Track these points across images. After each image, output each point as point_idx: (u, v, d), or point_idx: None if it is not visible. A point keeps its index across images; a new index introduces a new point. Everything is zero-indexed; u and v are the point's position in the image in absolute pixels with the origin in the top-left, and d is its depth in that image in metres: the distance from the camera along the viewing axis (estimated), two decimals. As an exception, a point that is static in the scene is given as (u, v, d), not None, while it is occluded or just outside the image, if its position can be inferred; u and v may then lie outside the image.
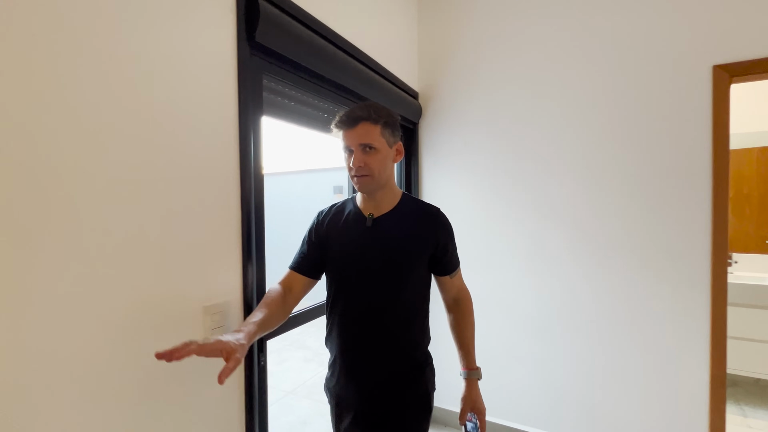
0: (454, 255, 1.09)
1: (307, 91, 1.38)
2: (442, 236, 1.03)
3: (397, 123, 1.00)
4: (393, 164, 1.02)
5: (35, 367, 0.67)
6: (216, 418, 1.00)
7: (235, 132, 1.04)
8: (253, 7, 1.05)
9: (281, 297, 0.98)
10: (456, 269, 1.10)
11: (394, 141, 0.99)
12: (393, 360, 1.01)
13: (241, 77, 1.05)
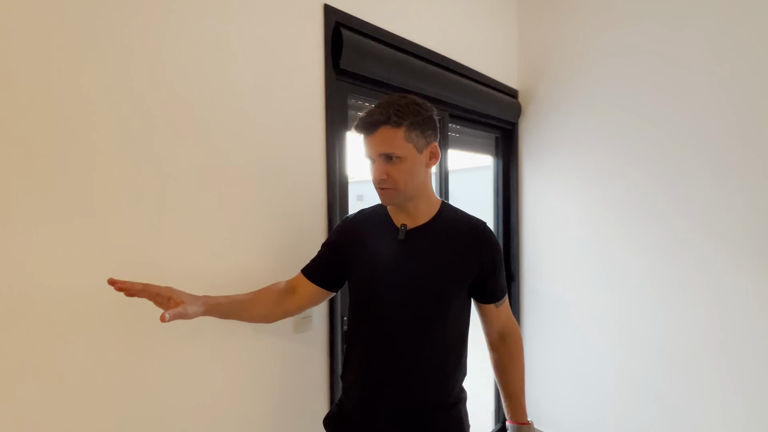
0: (500, 280, 0.92)
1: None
2: (488, 256, 0.88)
3: (429, 120, 0.83)
4: (427, 170, 0.86)
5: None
6: (305, 384, 1.16)
7: (322, 146, 1.20)
8: (338, 38, 1.19)
9: (278, 292, 0.90)
10: (504, 297, 0.94)
11: (426, 143, 0.83)
12: (420, 403, 0.85)
13: (328, 99, 1.21)
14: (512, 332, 0.96)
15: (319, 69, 1.19)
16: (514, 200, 2.12)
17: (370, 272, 0.88)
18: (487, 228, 0.91)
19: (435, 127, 0.86)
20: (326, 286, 0.93)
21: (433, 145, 0.85)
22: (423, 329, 0.85)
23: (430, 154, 0.85)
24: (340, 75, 1.24)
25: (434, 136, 0.86)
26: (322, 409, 1.20)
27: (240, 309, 0.84)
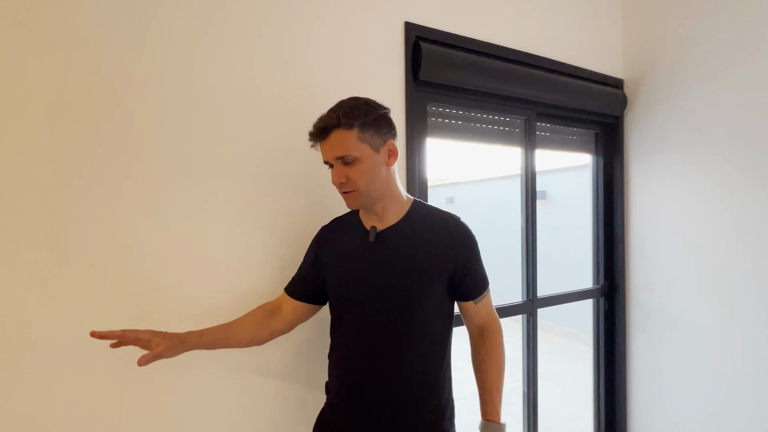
0: (478, 275, 0.89)
1: (475, 109, 1.50)
2: (462, 252, 0.85)
3: (382, 118, 0.82)
4: (389, 169, 0.85)
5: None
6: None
7: (402, 153, 1.29)
8: (417, 52, 1.27)
9: (262, 314, 0.91)
10: (482, 293, 0.90)
11: (383, 142, 0.82)
12: (405, 411, 0.83)
13: (408, 109, 1.29)
14: (491, 327, 0.92)
15: (400, 81, 1.28)
16: (618, 202, 1.90)
17: (343, 277, 0.88)
18: (460, 223, 0.89)
19: (390, 125, 0.85)
20: (310, 300, 0.93)
21: (390, 143, 0.84)
22: (397, 331, 0.83)
23: (389, 152, 0.84)
24: (420, 85, 1.32)
25: (390, 134, 0.84)
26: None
27: (225, 337, 0.85)
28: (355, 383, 0.86)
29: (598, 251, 1.94)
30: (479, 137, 1.58)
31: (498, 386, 0.88)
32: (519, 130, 1.65)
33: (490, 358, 0.90)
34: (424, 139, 1.35)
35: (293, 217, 1.11)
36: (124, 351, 0.77)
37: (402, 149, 1.29)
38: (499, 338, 0.92)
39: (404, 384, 0.83)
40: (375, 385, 0.84)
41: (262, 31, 1.06)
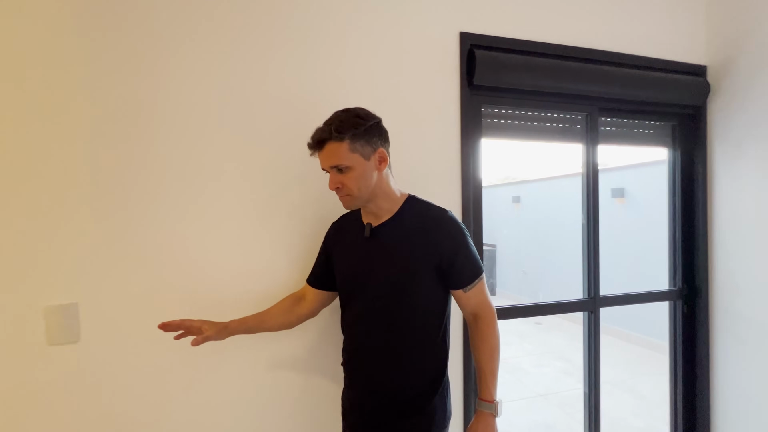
0: (466, 266, 0.94)
1: (532, 108, 1.53)
2: (447, 243, 0.92)
3: (372, 129, 0.91)
4: (380, 173, 0.94)
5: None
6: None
7: (457, 155, 1.39)
8: (472, 58, 1.36)
9: (289, 303, 1.07)
10: (472, 282, 0.94)
11: (373, 150, 0.91)
12: (394, 382, 0.94)
13: (463, 113, 1.38)
14: (483, 315, 0.96)
15: (455, 87, 1.38)
16: (700, 199, 1.76)
17: (345, 268, 1.00)
18: (446, 216, 0.95)
19: (380, 134, 0.94)
20: (327, 288, 1.06)
21: (380, 151, 0.92)
22: (389, 313, 0.93)
23: (379, 159, 0.93)
24: (474, 90, 1.40)
25: (381, 142, 0.93)
26: (458, 392, 1.38)
27: (260, 322, 1.02)
28: (355, 357, 1.00)
29: (675, 251, 1.81)
30: (538, 135, 1.60)
31: (490, 369, 0.93)
32: (580, 126, 1.63)
33: (483, 343, 0.95)
34: (478, 140, 1.43)
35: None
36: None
37: (456, 151, 1.39)
38: (492, 324, 0.96)
39: (394, 357, 0.94)
40: (370, 358, 0.97)
41: (332, 42, 1.24)
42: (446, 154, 1.38)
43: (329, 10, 1.24)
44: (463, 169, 1.39)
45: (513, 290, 6.98)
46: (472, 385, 1.36)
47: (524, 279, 6.64)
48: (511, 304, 1.60)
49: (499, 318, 1.02)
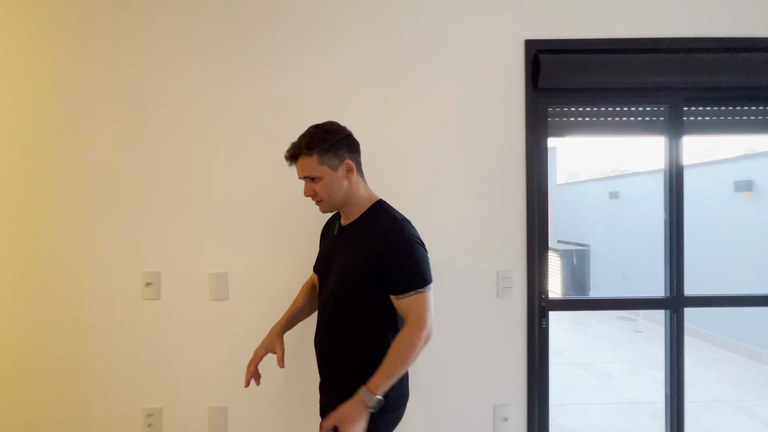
0: (399, 276, 0.96)
1: (606, 104, 1.54)
2: (383, 252, 0.96)
3: (339, 143, 1.00)
4: (350, 181, 1.03)
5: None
6: (505, 364, 1.50)
7: (522, 157, 1.49)
8: (536, 63, 1.45)
9: (309, 288, 1.24)
10: (405, 293, 0.96)
11: (339, 162, 1.00)
12: (332, 375, 1.06)
13: (527, 115, 1.48)
14: (410, 324, 0.96)
15: (520, 91, 1.48)
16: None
17: (318, 260, 1.15)
18: (394, 227, 0.99)
19: (348, 146, 1.03)
20: None
21: (346, 162, 1.02)
22: (335, 311, 1.04)
23: (346, 169, 1.02)
24: (540, 92, 1.48)
25: (348, 154, 1.02)
26: (520, 366, 1.49)
27: (297, 314, 1.20)
28: (315, 338, 1.12)
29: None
30: (613, 130, 1.60)
31: (387, 368, 0.94)
32: (663, 118, 1.57)
33: (395, 343, 0.96)
34: (544, 140, 1.51)
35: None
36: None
37: (521, 152, 1.49)
38: (411, 334, 0.95)
39: (332, 353, 1.06)
40: (321, 341, 1.09)
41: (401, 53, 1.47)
42: (510, 157, 1.49)
43: (399, 23, 1.47)
44: (528, 168, 1.49)
45: (610, 294, 6.35)
46: (536, 420, 1.49)
47: (623, 282, 6.01)
48: (581, 297, 1.62)
49: (570, 309, 1.12)
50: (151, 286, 1.44)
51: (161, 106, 1.47)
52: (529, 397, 1.50)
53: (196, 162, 1.46)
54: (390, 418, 1.01)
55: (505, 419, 1.50)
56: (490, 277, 1.50)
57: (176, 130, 1.46)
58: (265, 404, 1.47)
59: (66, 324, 1.46)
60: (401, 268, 0.97)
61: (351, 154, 1.04)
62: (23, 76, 1.46)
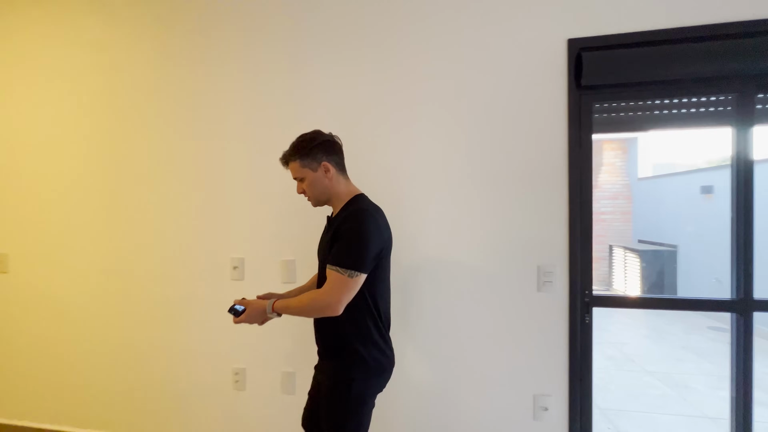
0: (337, 252, 1.08)
1: (658, 97, 1.50)
2: (337, 231, 1.10)
3: (315, 148, 1.16)
4: (330, 178, 1.17)
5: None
6: (546, 356, 1.55)
7: (563, 152, 1.52)
8: (579, 62, 1.46)
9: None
10: (332, 265, 1.07)
11: (318, 164, 1.16)
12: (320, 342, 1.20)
13: (570, 111, 1.50)
14: (323, 288, 1.09)
15: (562, 90, 1.51)
16: None
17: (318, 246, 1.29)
18: (354, 213, 1.11)
19: (325, 150, 1.17)
20: None
21: (323, 164, 1.16)
22: (321, 283, 1.16)
23: (324, 170, 1.17)
24: (583, 90, 1.49)
25: (325, 156, 1.17)
26: (561, 358, 1.53)
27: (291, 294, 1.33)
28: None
29: None
30: (671, 123, 1.54)
31: (294, 303, 1.12)
32: (730, 108, 1.47)
33: (309, 295, 1.12)
34: (588, 137, 1.51)
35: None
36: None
37: (563, 149, 1.52)
38: (318, 294, 1.09)
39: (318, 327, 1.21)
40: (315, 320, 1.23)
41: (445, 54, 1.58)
42: (551, 155, 1.53)
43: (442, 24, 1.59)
44: (570, 164, 1.51)
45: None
46: (578, 412, 1.51)
47: (718, 288, 5.27)
48: (631, 294, 1.57)
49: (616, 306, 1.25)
50: (237, 269, 1.77)
51: (252, 109, 1.77)
52: (570, 389, 1.53)
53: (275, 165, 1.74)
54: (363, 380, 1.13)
55: (545, 409, 1.55)
56: (531, 271, 1.55)
57: (252, 135, 1.76)
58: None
59: (171, 298, 1.85)
60: (341, 243, 1.09)
61: (328, 156, 1.18)
62: (126, 78, 1.88)
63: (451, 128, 1.60)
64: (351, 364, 1.12)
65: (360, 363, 1.12)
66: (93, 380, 1.94)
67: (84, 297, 1.94)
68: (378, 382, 1.17)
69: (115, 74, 1.88)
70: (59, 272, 1.95)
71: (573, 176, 1.51)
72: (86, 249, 1.93)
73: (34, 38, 1.97)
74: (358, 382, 1.11)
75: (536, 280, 1.55)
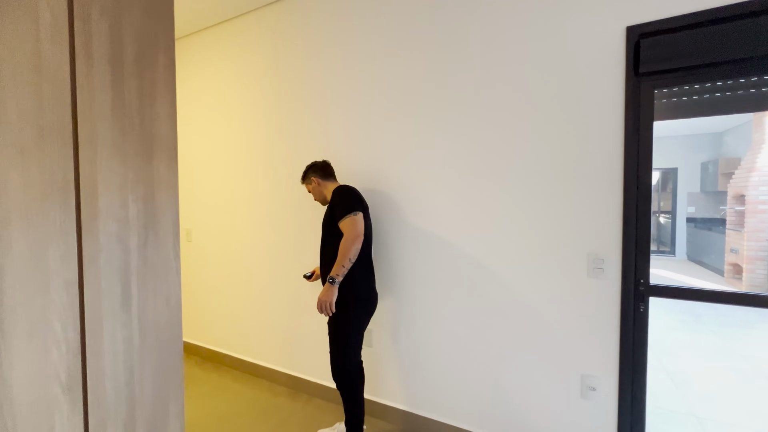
0: (334, 212, 1.76)
1: (729, 78, 1.39)
2: (330, 203, 1.81)
3: (309, 172, 1.96)
4: (321, 186, 1.92)
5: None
6: (596, 339, 1.62)
7: (620, 140, 1.53)
8: (636, 49, 1.46)
9: None
10: (339, 220, 1.73)
11: (311, 179, 1.94)
12: (324, 270, 1.83)
13: (628, 98, 1.50)
14: (344, 235, 1.70)
15: (619, 77, 1.52)
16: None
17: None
18: (335, 190, 1.80)
19: (315, 170, 1.94)
20: None
21: (314, 179, 1.93)
22: (323, 241, 1.84)
23: (316, 183, 1.92)
24: (642, 77, 1.47)
25: (315, 174, 1.94)
26: (611, 343, 1.58)
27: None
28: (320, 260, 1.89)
29: None
30: (745, 105, 1.40)
31: (338, 261, 1.68)
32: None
33: (339, 248, 1.70)
34: (647, 124, 1.49)
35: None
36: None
37: (619, 137, 1.54)
38: (346, 241, 1.68)
39: (326, 264, 1.81)
40: (321, 260, 1.86)
41: (502, 44, 1.74)
42: (606, 144, 1.56)
43: (500, 14, 1.74)
44: (626, 152, 1.52)
45: None
46: (628, 395, 1.54)
47: None
48: (691, 286, 1.47)
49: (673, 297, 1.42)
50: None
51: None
52: (621, 373, 1.57)
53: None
54: (356, 303, 1.76)
55: (592, 389, 1.63)
56: (581, 258, 1.63)
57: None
58: (392, 330, 2.09)
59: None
60: (335, 206, 1.75)
61: (315, 173, 1.94)
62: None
63: (508, 117, 1.75)
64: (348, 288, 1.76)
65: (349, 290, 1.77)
66: (251, 316, 2.74)
67: (245, 257, 2.73)
68: (368, 305, 1.83)
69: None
70: (226, 241, 2.79)
71: (629, 164, 1.52)
72: (244, 225, 2.71)
73: (219, 62, 2.81)
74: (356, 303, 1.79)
75: (586, 267, 1.62)
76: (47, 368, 0.92)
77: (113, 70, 1.05)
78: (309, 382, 2.42)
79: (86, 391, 1.00)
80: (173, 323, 1.21)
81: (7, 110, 0.86)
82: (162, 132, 1.18)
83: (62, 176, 0.96)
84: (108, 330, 1.05)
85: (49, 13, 0.91)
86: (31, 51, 0.88)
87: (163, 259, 1.18)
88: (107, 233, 1.05)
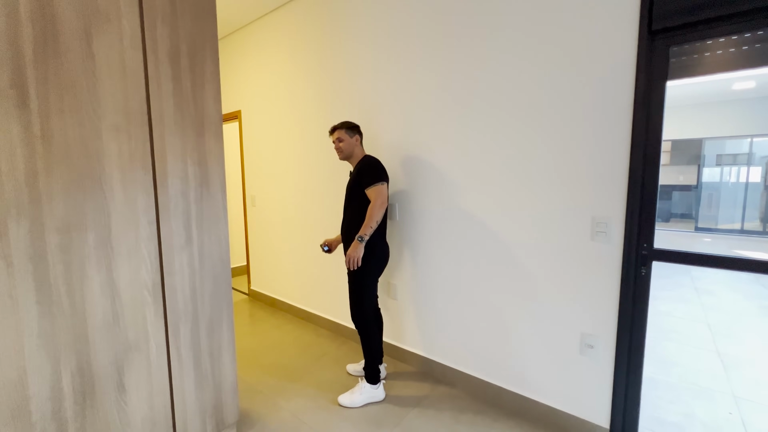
0: (364, 179, 1.93)
1: (749, 30, 1.29)
2: (359, 171, 1.96)
3: (354, 128, 2.05)
4: (355, 146, 2.04)
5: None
6: (596, 300, 1.66)
7: (628, 101, 1.50)
8: (650, 4, 1.40)
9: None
10: (368, 187, 1.91)
11: (353, 135, 2.05)
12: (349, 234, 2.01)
13: (639, 57, 1.45)
14: (371, 201, 1.91)
15: (633, 36, 1.46)
16: None
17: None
18: (363, 160, 1.98)
19: (356, 129, 2.06)
20: None
21: (356, 137, 2.06)
22: (348, 207, 2.03)
23: (356, 140, 2.06)
24: (656, 35, 1.42)
25: (356, 132, 2.06)
26: (611, 303, 1.63)
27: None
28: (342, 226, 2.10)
29: None
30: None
31: (366, 222, 1.89)
32: None
33: (367, 212, 1.92)
34: (660, 84, 1.43)
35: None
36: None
37: (628, 97, 1.50)
38: (372, 205, 1.90)
39: (348, 223, 2.02)
40: (343, 226, 2.07)
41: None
42: (613, 103, 1.53)
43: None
44: (634, 117, 1.50)
45: None
46: (625, 354, 1.59)
47: None
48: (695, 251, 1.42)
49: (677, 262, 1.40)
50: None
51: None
52: (618, 332, 1.62)
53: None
54: (373, 258, 1.98)
55: (590, 346, 1.70)
56: (584, 220, 1.66)
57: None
58: (408, 277, 2.34)
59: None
60: (364, 176, 1.94)
61: (355, 132, 2.07)
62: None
63: (514, 74, 1.78)
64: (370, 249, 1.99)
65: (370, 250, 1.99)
66: (303, 270, 3.21)
67: (298, 221, 3.19)
68: (382, 260, 2.04)
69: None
70: (283, 205, 3.26)
71: (637, 127, 1.50)
72: (297, 193, 3.14)
73: (287, 56, 3.20)
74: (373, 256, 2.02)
75: (590, 229, 1.66)
76: (139, 279, 1.37)
77: (172, 65, 1.41)
78: (346, 327, 2.80)
79: (164, 297, 1.44)
80: (223, 258, 1.61)
81: (107, 102, 1.26)
82: (210, 113, 1.55)
83: (142, 146, 1.37)
84: (177, 258, 1.47)
85: (128, 25, 1.28)
86: (119, 58, 1.26)
87: (214, 210, 1.57)
88: (174, 188, 1.46)
